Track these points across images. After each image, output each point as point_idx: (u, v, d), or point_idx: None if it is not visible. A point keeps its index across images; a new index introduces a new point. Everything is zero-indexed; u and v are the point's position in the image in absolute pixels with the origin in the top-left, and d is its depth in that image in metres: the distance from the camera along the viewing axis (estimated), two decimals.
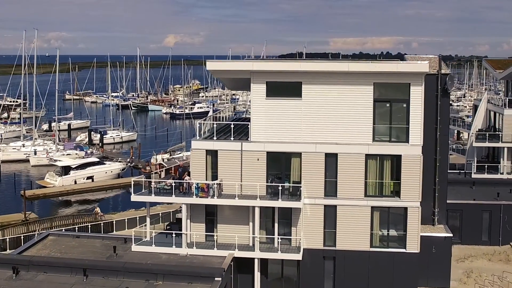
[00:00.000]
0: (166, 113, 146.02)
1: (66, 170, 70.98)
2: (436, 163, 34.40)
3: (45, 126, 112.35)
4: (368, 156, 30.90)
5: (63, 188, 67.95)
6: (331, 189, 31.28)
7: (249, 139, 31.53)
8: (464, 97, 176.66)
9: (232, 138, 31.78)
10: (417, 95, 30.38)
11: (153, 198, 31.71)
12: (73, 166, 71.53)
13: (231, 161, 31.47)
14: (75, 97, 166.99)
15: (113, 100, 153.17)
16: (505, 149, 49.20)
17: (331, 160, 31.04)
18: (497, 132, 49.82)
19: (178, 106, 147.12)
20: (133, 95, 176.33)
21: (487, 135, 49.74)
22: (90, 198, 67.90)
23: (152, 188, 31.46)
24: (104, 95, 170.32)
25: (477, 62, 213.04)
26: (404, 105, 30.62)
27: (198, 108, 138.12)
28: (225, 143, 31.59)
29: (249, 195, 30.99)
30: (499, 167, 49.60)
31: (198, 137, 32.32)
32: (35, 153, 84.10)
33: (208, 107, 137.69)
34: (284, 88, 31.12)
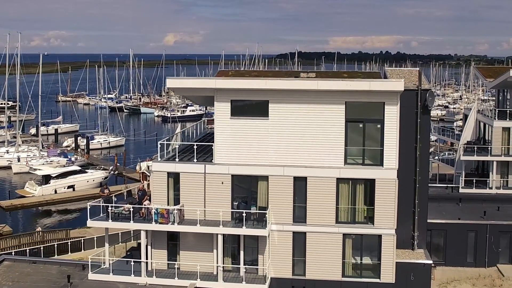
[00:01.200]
0: (158, 116, 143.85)
1: (46, 179, 69.03)
2: (416, 184, 32.37)
3: (32, 130, 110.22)
4: (339, 180, 28.87)
5: (43, 198, 65.98)
6: (300, 214, 29.27)
7: (213, 161, 29.52)
8: (460, 99, 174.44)
9: (195, 160, 29.77)
10: (392, 115, 28.34)
11: (110, 224, 29.72)
12: (53, 175, 69.53)
13: (194, 184, 29.49)
14: (66, 98, 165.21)
15: (105, 102, 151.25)
16: (494, 163, 47.09)
17: (300, 184, 29.02)
18: (486, 145, 47.78)
19: (170, 109, 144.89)
20: (126, 97, 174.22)
21: (475, 148, 47.64)
22: (71, 208, 65.96)
23: (109, 213, 29.48)
24: (97, 97, 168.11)
25: (473, 63, 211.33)
26: (378, 126, 28.59)
27: (190, 111, 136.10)
28: (188, 165, 29.57)
29: (213, 221, 29.00)
30: (488, 181, 47.54)
31: (159, 158, 30.29)
32: (19, 160, 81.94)
33: (200, 109, 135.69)
34: (250, 107, 29.11)
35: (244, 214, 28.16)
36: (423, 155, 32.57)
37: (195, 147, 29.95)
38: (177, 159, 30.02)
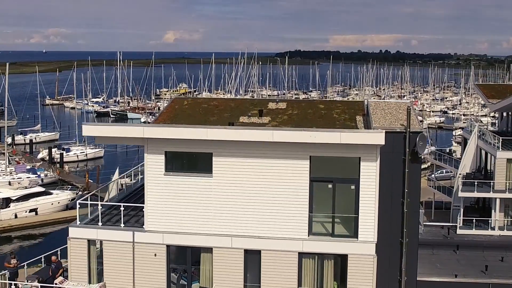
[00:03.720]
0: (144, 123, 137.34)
1: (6, 202, 63.05)
2: (403, 248, 26.26)
3: (9, 140, 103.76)
4: (302, 255, 22.76)
5: (0, 224, 60.03)
6: None
7: (144, 227, 23.41)
8: (460, 104, 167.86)
9: (122, 225, 23.66)
10: (369, 173, 22.24)
11: None
12: (14, 198, 63.47)
13: (120, 256, 23.40)
14: (53, 101, 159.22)
15: (92, 106, 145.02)
16: (497, 200, 41.12)
17: (252, 258, 22.93)
18: (488, 180, 41.75)
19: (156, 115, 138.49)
20: (114, 100, 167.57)
21: (475, 183, 41.55)
22: (33, 234, 60.10)
23: None
24: (84, 101, 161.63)
25: (473, 65, 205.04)
26: (352, 187, 22.47)
27: None
28: (112, 232, 23.49)
29: None
30: (489, 221, 41.52)
31: (78, 222, 24.19)
32: None
33: None
34: (189, 161, 22.98)
35: None
36: (412, 212, 26.49)
37: (122, 208, 23.82)
38: (100, 223, 23.90)
